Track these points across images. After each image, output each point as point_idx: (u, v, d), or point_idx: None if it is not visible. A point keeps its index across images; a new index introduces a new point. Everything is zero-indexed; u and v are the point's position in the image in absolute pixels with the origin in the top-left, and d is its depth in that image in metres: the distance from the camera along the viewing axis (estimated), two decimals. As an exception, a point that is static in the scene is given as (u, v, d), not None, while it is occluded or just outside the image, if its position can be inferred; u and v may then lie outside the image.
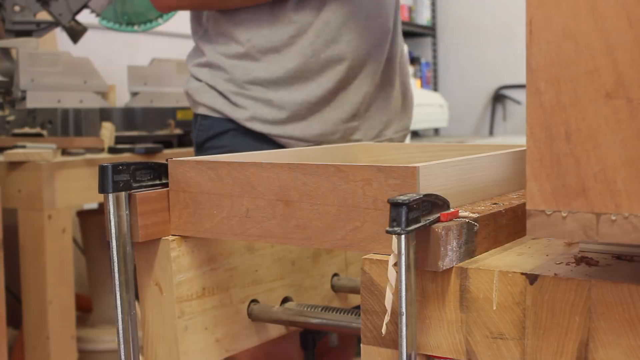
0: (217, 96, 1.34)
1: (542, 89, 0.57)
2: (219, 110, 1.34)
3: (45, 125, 2.13)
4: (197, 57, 1.39)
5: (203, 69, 1.37)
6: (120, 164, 0.82)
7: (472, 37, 4.82)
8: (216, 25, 1.34)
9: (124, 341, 0.84)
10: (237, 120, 1.32)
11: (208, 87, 1.36)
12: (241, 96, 1.32)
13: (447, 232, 0.65)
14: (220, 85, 1.34)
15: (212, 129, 1.35)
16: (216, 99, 1.34)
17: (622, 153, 0.54)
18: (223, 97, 1.34)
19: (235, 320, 0.94)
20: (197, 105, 1.38)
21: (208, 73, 1.36)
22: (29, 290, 1.97)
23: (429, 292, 0.68)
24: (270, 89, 1.31)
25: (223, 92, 1.34)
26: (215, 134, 1.35)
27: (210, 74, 1.35)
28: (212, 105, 1.35)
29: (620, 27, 0.54)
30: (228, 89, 1.33)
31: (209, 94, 1.35)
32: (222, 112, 1.34)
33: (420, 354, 0.69)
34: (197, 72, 1.38)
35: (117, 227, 0.82)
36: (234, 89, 1.32)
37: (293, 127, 1.31)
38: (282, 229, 0.78)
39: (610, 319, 0.59)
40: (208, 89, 1.36)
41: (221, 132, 1.35)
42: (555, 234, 0.58)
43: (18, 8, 2.27)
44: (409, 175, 0.70)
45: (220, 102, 1.34)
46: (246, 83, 1.32)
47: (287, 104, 1.30)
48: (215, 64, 1.34)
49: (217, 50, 1.35)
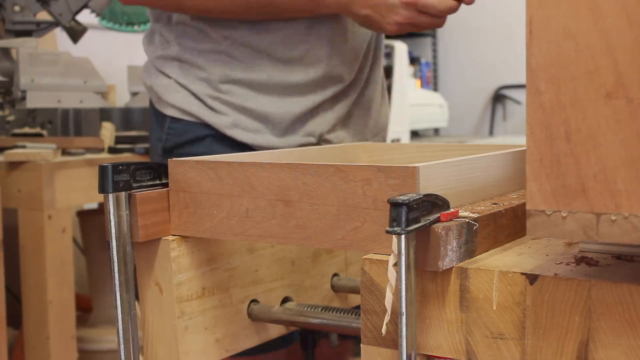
0: (190, 97, 1.22)
1: (542, 89, 0.57)
2: (194, 114, 1.22)
3: (45, 125, 2.13)
4: (163, 47, 1.26)
5: (172, 63, 1.24)
6: (120, 164, 0.82)
7: (472, 37, 4.82)
8: (184, 15, 1.22)
9: (124, 341, 0.84)
10: (216, 127, 1.21)
11: (178, 85, 1.23)
12: (218, 100, 1.21)
13: (447, 232, 0.65)
14: (192, 85, 1.22)
15: (186, 134, 1.23)
16: (189, 100, 1.22)
17: (622, 153, 0.54)
18: (197, 98, 1.22)
19: (235, 320, 0.94)
20: (165, 106, 1.24)
21: (178, 69, 1.24)
22: (29, 290, 1.97)
23: (429, 292, 0.68)
24: (251, 93, 1.21)
25: (197, 94, 1.22)
26: (189, 140, 1.23)
27: (180, 68, 1.23)
28: (184, 107, 1.22)
29: (620, 27, 0.54)
30: (202, 90, 1.22)
31: (180, 93, 1.23)
32: (198, 116, 1.22)
33: (420, 354, 0.69)
34: (164, 66, 1.25)
35: (117, 227, 0.82)
36: (209, 90, 1.21)
37: (276, 139, 1.22)
38: (282, 229, 0.78)
39: (610, 319, 0.59)
40: (178, 88, 1.23)
41: (196, 139, 1.22)
42: (555, 234, 0.58)
43: (18, 8, 2.27)
44: (409, 175, 0.70)
45: (195, 104, 1.22)
46: (223, 84, 1.21)
47: (271, 114, 1.21)
48: (187, 60, 1.23)
49: (187, 44, 1.23)
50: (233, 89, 1.21)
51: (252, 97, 1.21)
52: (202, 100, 1.22)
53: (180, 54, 1.23)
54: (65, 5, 2.32)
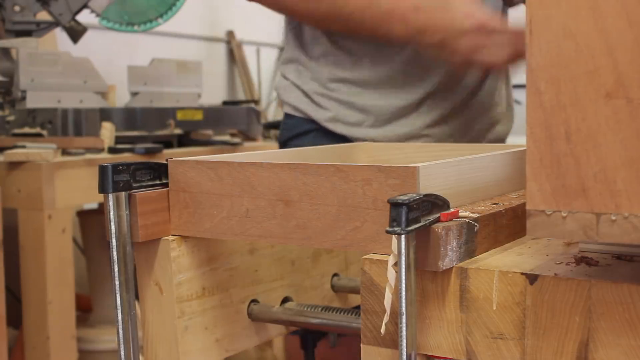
0: (302, 96, 1.35)
1: (542, 89, 0.57)
2: (302, 110, 1.35)
3: (45, 125, 2.13)
4: (286, 51, 1.40)
5: (290, 66, 1.37)
6: (120, 164, 0.82)
7: None
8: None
9: (124, 341, 0.84)
10: (319, 121, 1.32)
11: (294, 86, 1.36)
12: (324, 97, 1.32)
13: (447, 232, 0.65)
14: (305, 85, 1.34)
15: (296, 128, 1.36)
16: (301, 98, 1.35)
17: (622, 153, 0.54)
18: (307, 96, 1.34)
19: (235, 320, 0.94)
20: (284, 104, 1.39)
21: (294, 70, 1.36)
22: (29, 290, 1.97)
23: (429, 292, 0.68)
24: (355, 90, 1.30)
25: (307, 92, 1.34)
26: (297, 134, 1.36)
27: (297, 71, 1.36)
28: (296, 104, 1.35)
29: (620, 27, 0.54)
30: (312, 89, 1.33)
31: (294, 93, 1.36)
32: (305, 112, 1.34)
33: (420, 354, 0.69)
34: (285, 69, 1.39)
35: (117, 227, 0.82)
36: (318, 88, 1.32)
37: (375, 131, 1.30)
38: (282, 229, 0.78)
39: (610, 319, 0.59)
40: (294, 88, 1.36)
41: (303, 132, 1.36)
42: (555, 234, 0.58)
43: (18, 8, 2.27)
44: (409, 175, 0.70)
45: (304, 102, 1.34)
46: (331, 82, 1.31)
47: (373, 107, 1.29)
48: (301, 61, 1.35)
49: (303, 48, 1.34)
50: (340, 86, 1.31)
51: (357, 93, 1.30)
52: (311, 98, 1.34)
53: (297, 57, 1.36)
54: (65, 5, 2.32)
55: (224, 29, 4.20)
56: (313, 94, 1.33)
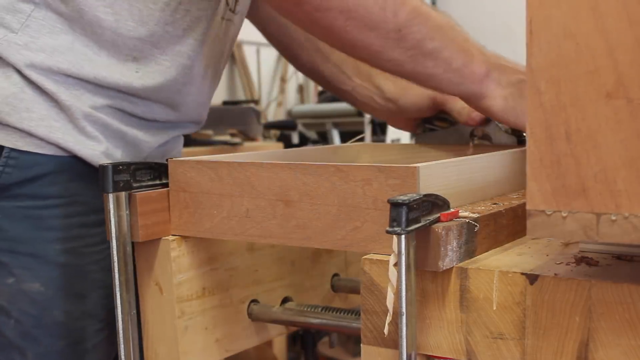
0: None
1: (542, 89, 0.57)
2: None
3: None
4: None
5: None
6: (120, 164, 0.82)
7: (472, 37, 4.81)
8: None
9: (124, 341, 0.84)
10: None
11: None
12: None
13: (447, 232, 0.65)
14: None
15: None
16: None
17: (622, 153, 0.54)
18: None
19: (235, 320, 0.94)
20: None
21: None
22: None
23: (429, 292, 0.68)
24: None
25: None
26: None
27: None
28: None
29: (620, 27, 0.54)
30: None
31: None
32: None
33: (420, 354, 0.69)
34: None
35: (117, 227, 0.82)
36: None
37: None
38: (282, 229, 0.78)
39: (611, 319, 0.59)
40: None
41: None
42: (555, 234, 0.58)
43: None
44: (409, 175, 0.70)
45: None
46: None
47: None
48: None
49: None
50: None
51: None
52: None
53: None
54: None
55: (224, 29, 4.19)
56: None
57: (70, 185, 0.91)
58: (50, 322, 0.90)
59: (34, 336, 0.90)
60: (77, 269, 0.91)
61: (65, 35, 0.89)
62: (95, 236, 0.93)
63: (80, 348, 0.92)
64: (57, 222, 0.90)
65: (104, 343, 0.95)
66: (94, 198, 0.91)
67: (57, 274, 0.90)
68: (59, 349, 0.91)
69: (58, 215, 0.90)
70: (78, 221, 0.91)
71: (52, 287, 0.90)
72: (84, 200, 0.92)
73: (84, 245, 0.92)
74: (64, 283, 0.90)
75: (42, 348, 0.90)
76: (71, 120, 0.90)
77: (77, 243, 0.91)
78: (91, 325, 0.93)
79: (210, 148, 2.44)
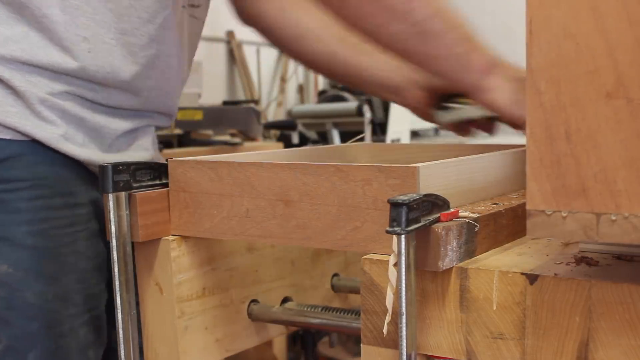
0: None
1: (542, 89, 0.57)
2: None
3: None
4: None
5: None
6: (120, 164, 0.82)
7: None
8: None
9: (124, 341, 0.84)
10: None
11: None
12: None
13: (447, 232, 0.65)
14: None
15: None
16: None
17: (622, 153, 0.54)
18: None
19: (235, 320, 0.94)
20: None
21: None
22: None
23: (429, 292, 0.68)
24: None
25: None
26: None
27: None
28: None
29: (620, 27, 0.54)
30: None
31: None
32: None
33: (420, 354, 0.69)
34: None
35: (117, 227, 0.82)
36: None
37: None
38: (282, 229, 0.78)
39: (610, 319, 0.59)
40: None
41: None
42: (555, 234, 0.58)
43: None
44: (409, 175, 0.70)
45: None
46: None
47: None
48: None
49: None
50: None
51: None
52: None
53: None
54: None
55: (224, 29, 4.20)
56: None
57: (33, 168, 0.92)
58: (22, 304, 0.90)
59: (6, 319, 0.90)
60: (47, 251, 0.91)
61: (20, 25, 0.91)
62: (62, 219, 0.93)
63: (55, 331, 0.92)
64: (23, 204, 0.90)
65: (84, 329, 0.95)
66: (57, 181, 0.93)
67: (26, 256, 0.90)
68: (33, 331, 0.90)
69: (23, 197, 0.91)
70: (43, 203, 0.92)
71: (21, 268, 0.90)
72: (49, 183, 0.93)
73: (51, 228, 0.92)
74: (33, 265, 0.90)
75: (16, 330, 0.90)
76: (28, 106, 0.92)
77: (45, 225, 0.91)
78: (65, 308, 0.93)
79: (210, 148, 2.44)
